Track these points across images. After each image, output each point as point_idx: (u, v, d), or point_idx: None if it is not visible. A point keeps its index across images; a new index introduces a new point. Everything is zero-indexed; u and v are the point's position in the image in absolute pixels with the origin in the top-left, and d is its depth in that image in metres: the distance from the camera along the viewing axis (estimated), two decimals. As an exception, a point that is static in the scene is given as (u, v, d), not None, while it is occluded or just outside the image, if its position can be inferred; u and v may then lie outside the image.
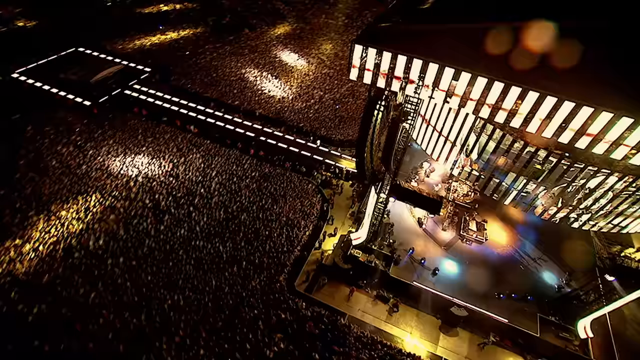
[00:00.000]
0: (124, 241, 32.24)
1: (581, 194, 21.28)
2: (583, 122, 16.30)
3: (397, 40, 17.92)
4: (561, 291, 28.44)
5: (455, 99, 17.37)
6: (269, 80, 54.28)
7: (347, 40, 67.65)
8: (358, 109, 50.29)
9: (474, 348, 27.12)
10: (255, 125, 46.07)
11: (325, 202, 37.47)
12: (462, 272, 30.02)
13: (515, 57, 16.19)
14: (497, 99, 16.52)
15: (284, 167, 40.65)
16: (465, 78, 16.33)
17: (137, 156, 40.57)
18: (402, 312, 29.38)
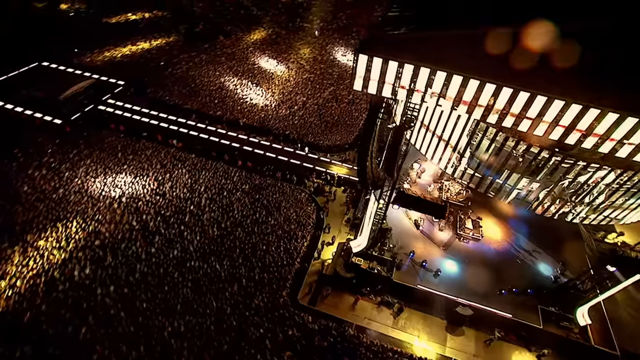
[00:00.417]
0: (113, 268, 30.25)
1: (575, 188, 21.81)
2: (590, 122, 16.66)
3: (402, 48, 17.63)
4: (557, 281, 29.34)
5: (463, 106, 17.27)
6: (250, 88, 52.99)
7: (324, 43, 67.40)
8: (343, 113, 50.02)
9: (481, 345, 27.42)
10: (241, 136, 44.73)
11: (320, 211, 36.80)
12: (463, 271, 30.27)
13: (519, 60, 16.24)
14: (505, 105, 16.56)
15: (274, 178, 39.65)
16: (474, 85, 16.27)
17: (118, 175, 38.30)
18: (407, 316, 29.31)
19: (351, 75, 19.76)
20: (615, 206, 22.63)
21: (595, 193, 21.86)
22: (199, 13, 71.92)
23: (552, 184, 22.45)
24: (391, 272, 29.99)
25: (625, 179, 20.29)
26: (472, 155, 24.46)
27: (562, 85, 16.48)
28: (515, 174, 23.35)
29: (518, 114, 17.16)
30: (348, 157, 43.75)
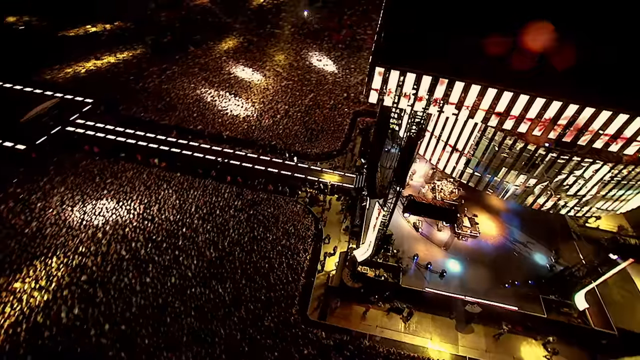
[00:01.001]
0: (106, 304, 27.93)
1: (570, 182, 22.68)
2: (585, 120, 17.26)
3: (417, 58, 17.32)
4: (553, 270, 30.68)
5: (480, 113, 17.34)
6: (229, 99, 51.12)
7: (298, 48, 66.49)
8: (327, 119, 49.51)
9: (491, 340, 27.99)
10: (226, 150, 42.89)
11: (318, 222, 36.03)
12: (466, 269, 30.77)
13: (522, 63, 16.48)
14: (521, 111, 16.81)
15: (267, 191, 38.34)
16: (492, 93, 16.33)
17: (99, 202, 35.46)
18: (417, 320, 29.35)
19: (365, 88, 19.16)
20: (607, 198, 23.83)
21: (588, 186, 22.87)
22: (165, 23, 68.42)
23: (548, 180, 23.22)
24: (398, 278, 29.88)
25: (616, 172, 21.35)
26: (473, 155, 24.73)
27: (559, 86, 16.92)
28: (512, 171, 23.94)
29: (519, 116, 17.50)
30: (338, 164, 43.29)
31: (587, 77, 17.42)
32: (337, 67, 62.37)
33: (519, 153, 22.67)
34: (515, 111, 17.23)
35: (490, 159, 23.96)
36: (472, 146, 23.73)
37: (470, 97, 17.08)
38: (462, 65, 16.77)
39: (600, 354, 26.61)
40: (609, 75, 17.56)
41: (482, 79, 16.66)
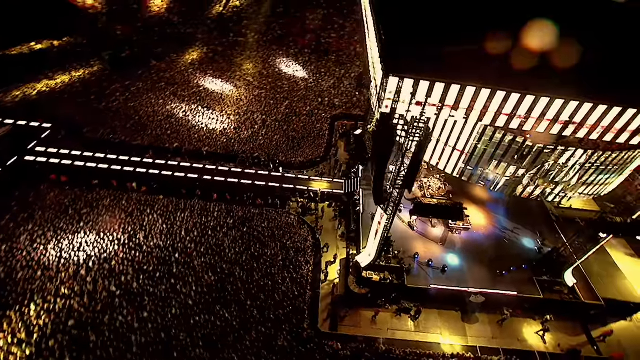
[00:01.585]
0: (102, 348, 25.64)
1: (555, 170, 24.21)
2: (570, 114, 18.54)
3: (429, 66, 17.50)
4: (541, 251, 32.72)
5: (489, 116, 17.90)
6: (202, 112, 48.96)
7: (265, 56, 65.26)
8: (306, 126, 49.03)
9: (495, 327, 29.21)
10: (208, 166, 40.96)
11: (314, 231, 35.51)
12: (464, 261, 31.81)
13: (523, 63, 17.29)
14: (527, 110, 17.63)
15: (257, 205, 37.14)
16: (500, 96, 16.91)
17: (75, 236, 32.41)
18: (425, 317, 29.79)
19: (378, 98, 18.99)
20: (587, 183, 25.74)
21: (571, 174, 24.59)
22: (121, 36, 63.95)
23: (535, 169, 24.63)
24: (403, 278, 30.20)
25: (595, 159, 23.14)
26: (472, 152, 25.57)
27: (560, 85, 17.97)
28: (502, 163, 25.12)
29: (524, 115, 18.39)
30: (324, 170, 42.98)
31: (584, 74, 18.52)
32: (306, 72, 62.05)
33: (509, 146, 23.86)
34: (522, 111, 18.07)
35: (481, 154, 24.95)
36: (471, 145, 24.59)
37: (481, 100, 17.65)
38: (472, 70, 17.23)
39: (590, 324, 28.81)
40: (605, 71, 18.78)
41: (492, 82, 17.23)
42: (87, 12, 68.65)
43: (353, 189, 39.26)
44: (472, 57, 17.29)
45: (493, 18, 19.30)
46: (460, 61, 17.46)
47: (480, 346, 27.82)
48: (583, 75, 18.09)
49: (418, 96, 17.64)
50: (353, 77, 61.48)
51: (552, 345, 27.97)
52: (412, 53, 17.86)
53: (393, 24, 20.40)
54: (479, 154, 24.77)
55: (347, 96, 56.64)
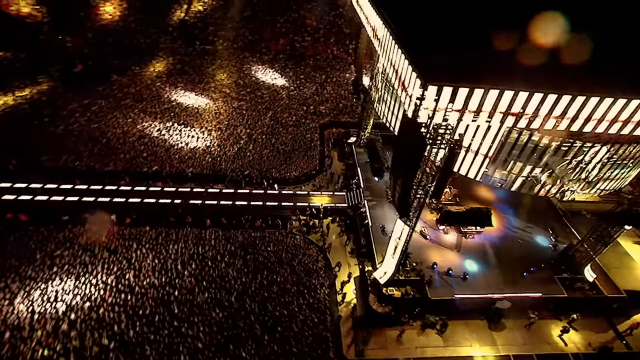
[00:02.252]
0: (105, 412, 23.59)
1: (573, 167, 26.17)
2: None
3: (468, 73, 18.41)
4: (557, 248, 34.75)
5: (524, 120, 19.08)
6: (179, 130, 47.59)
7: (238, 64, 64.94)
8: (295, 137, 49.11)
9: (524, 331, 30.47)
10: (196, 189, 39.69)
11: (323, 250, 35.40)
12: (482, 266, 33.03)
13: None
14: (549, 110, 19.10)
15: (257, 228, 36.47)
16: (537, 98, 18.15)
17: (49, 284, 30.17)
18: (451, 329, 30.45)
19: (414, 109, 19.49)
20: (604, 178, 27.91)
21: (589, 169, 26.61)
22: (71, 49, 60.81)
23: (552, 167, 26.42)
24: (425, 291, 30.79)
25: (613, 153, 25.27)
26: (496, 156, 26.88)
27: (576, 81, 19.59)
28: (519, 162, 26.71)
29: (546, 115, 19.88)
30: (321, 184, 43.10)
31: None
32: (286, 79, 62.39)
33: (524, 145, 25.50)
34: (545, 110, 19.54)
35: (506, 156, 26.43)
36: (496, 148, 25.95)
37: (518, 104, 18.79)
38: (503, 73, 18.38)
39: (615, 318, 30.90)
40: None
41: (529, 85, 18.51)
42: (24, 21, 64.69)
43: (357, 201, 39.69)
44: (500, 60, 18.47)
45: (508, 18, 20.75)
46: (489, 65, 18.56)
47: (513, 354, 28.84)
48: (599, 69, 19.84)
49: (455, 104, 18.47)
50: (349, 83, 62.61)
51: (583, 344, 29.60)
52: (441, 60, 18.72)
53: (411, 31, 21.29)
54: (504, 157, 26.18)
55: (332, 102, 57.47)
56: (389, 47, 24.88)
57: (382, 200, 39.76)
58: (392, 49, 24.47)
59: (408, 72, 20.75)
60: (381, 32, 26.59)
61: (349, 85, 62.45)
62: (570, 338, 30.01)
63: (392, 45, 24.24)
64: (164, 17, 76.53)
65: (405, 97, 21.28)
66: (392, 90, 30.35)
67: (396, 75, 23.33)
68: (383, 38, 26.37)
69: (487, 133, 24.55)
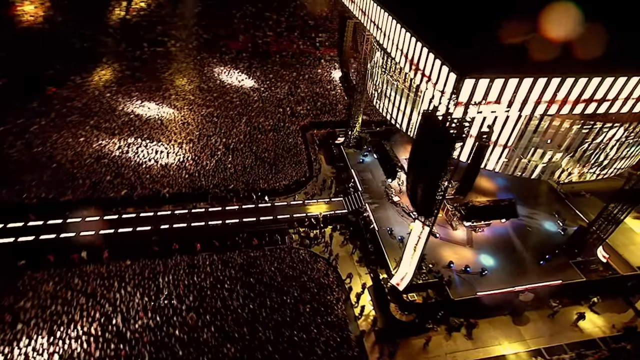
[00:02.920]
0: None
1: (594, 149, 28.65)
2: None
3: (499, 63, 19.48)
4: (566, 232, 37.62)
5: (543, 105, 20.57)
6: (145, 146, 45.49)
7: (198, 67, 63.60)
8: (277, 143, 48.91)
9: (548, 322, 32.37)
10: (178, 211, 38.07)
11: (330, 261, 35.47)
12: (497, 259, 34.83)
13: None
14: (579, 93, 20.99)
15: (254, 247, 35.80)
16: (569, 83, 19.75)
17: (15, 344, 27.35)
18: (477, 329, 31.62)
19: (448, 104, 20.17)
20: (620, 157, 30.63)
21: (607, 150, 29.17)
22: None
23: (573, 151, 28.69)
24: (446, 292, 31.83)
25: (631, 132, 27.85)
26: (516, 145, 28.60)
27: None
28: (539, 149, 28.70)
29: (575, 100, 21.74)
30: (315, 191, 43.06)
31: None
32: (254, 80, 61.89)
33: (545, 131, 27.43)
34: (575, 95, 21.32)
35: (516, 142, 28.16)
36: (516, 137, 27.52)
37: (550, 91, 20.18)
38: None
39: (632, 297, 33.85)
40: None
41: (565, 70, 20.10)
42: None
43: (358, 206, 40.15)
44: (515, 49, 19.85)
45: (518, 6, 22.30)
46: (506, 55, 19.83)
47: (543, 347, 30.58)
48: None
49: (489, 96, 19.47)
50: (323, 79, 63.26)
51: (607, 327, 32.02)
52: (466, 52, 19.64)
53: (422, 24, 22.23)
54: (524, 145, 27.90)
55: (309, 102, 57.81)
56: (402, 42, 25.90)
57: (384, 201, 40.66)
58: (407, 43, 25.40)
59: (435, 67, 21.58)
60: (388, 27, 27.20)
61: (323, 82, 63.21)
62: (594, 322, 32.46)
63: (407, 40, 25.05)
64: (100, 16, 72.61)
65: (431, 93, 21.99)
66: (396, 86, 31.22)
67: (416, 70, 24.01)
68: (392, 32, 27.05)
69: (506, 123, 26.06)
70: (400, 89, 32.24)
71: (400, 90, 32.39)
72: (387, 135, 48.27)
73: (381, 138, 47.93)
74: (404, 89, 31.77)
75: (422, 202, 25.42)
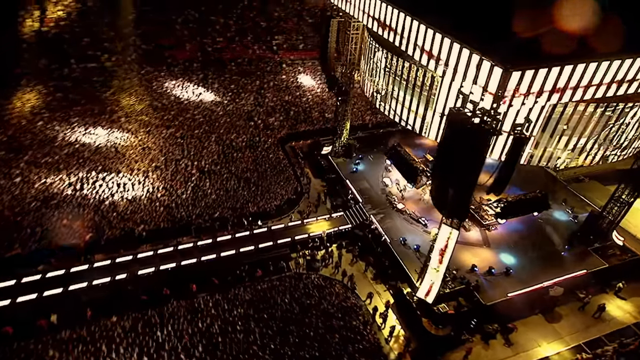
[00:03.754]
0: None
1: (617, 130, 32.64)
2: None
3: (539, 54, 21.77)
4: (578, 219, 41.40)
5: (580, 91, 23.44)
6: (102, 179, 43.50)
7: (145, 83, 61.60)
8: (257, 160, 48.94)
9: (580, 315, 35.26)
10: (162, 250, 36.71)
11: (346, 283, 36.13)
12: (517, 256, 37.64)
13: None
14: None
15: (259, 279, 35.55)
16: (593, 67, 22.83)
17: None
18: (514, 334, 33.55)
19: (494, 100, 22.08)
20: (637, 137, 34.65)
21: (628, 130, 32.99)
22: None
23: (597, 134, 32.16)
24: (476, 298, 33.64)
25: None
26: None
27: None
28: (564, 136, 31.84)
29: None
30: (310, 209, 43.52)
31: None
32: (214, 93, 61.57)
33: (570, 117, 30.55)
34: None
35: (541, 132, 31.09)
36: (541, 126, 30.13)
37: (584, 76, 22.95)
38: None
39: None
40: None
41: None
42: None
43: (362, 219, 41.20)
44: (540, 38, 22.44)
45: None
46: (552, 40, 22.24)
47: (582, 342, 33.07)
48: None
49: (534, 88, 21.60)
50: (289, 85, 64.63)
51: (637, 311, 35.45)
52: (498, 45, 21.73)
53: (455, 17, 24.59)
54: (549, 134, 30.76)
55: (281, 112, 58.51)
56: (425, 40, 27.58)
57: (388, 210, 42.24)
58: (431, 41, 27.15)
59: (472, 62, 23.49)
60: (407, 27, 28.93)
61: (291, 89, 64.29)
62: (623, 308, 35.88)
63: (431, 38, 26.94)
64: (7, 29, 67.94)
65: (467, 89, 23.76)
66: (405, 85, 32.97)
67: (445, 66, 25.64)
68: (411, 32, 28.90)
69: (530, 113, 28.67)
70: (410, 88, 34.12)
71: (411, 90, 34.30)
72: (382, 140, 50.92)
73: (379, 143, 50.74)
74: (416, 88, 33.75)
75: (455, 203, 27.02)
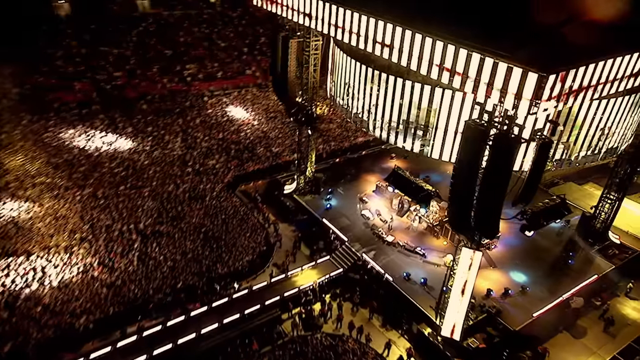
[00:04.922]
0: None
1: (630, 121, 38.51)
2: None
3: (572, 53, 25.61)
4: (571, 224, 46.72)
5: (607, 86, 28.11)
6: (6, 267, 38.94)
7: (35, 137, 58.09)
8: (208, 212, 48.05)
9: (602, 323, 39.02)
10: (121, 342, 34.22)
11: (357, 337, 36.97)
12: (528, 272, 41.68)
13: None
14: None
15: (257, 353, 34.98)
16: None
17: None
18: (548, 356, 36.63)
19: (529, 110, 25.08)
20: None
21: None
22: None
23: (615, 125, 37.28)
24: (501, 325, 36.35)
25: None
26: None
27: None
28: (581, 133, 36.54)
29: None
30: (290, 259, 43.69)
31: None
32: (129, 139, 60.27)
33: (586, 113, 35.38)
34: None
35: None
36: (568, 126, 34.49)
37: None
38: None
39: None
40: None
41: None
42: None
43: (354, 260, 42.34)
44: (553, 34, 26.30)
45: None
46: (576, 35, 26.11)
47: (616, 354, 36.58)
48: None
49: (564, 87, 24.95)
50: (218, 119, 65.12)
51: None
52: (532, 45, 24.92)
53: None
54: (567, 134, 35.03)
55: (219, 152, 58.39)
56: (431, 53, 29.63)
57: (379, 245, 44.17)
58: (444, 55, 29.12)
59: (499, 71, 25.51)
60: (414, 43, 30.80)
61: (222, 124, 64.63)
62: (638, 308, 40.84)
63: (445, 51, 28.93)
64: None
65: (494, 98, 26.49)
66: (400, 103, 35.73)
67: (462, 79, 28.10)
68: (408, 45, 31.11)
69: (559, 116, 32.54)
70: (405, 105, 36.64)
71: (407, 108, 36.61)
72: (346, 170, 54.19)
73: (343, 173, 54.43)
74: (413, 104, 36.17)
75: (484, 221, 29.62)
